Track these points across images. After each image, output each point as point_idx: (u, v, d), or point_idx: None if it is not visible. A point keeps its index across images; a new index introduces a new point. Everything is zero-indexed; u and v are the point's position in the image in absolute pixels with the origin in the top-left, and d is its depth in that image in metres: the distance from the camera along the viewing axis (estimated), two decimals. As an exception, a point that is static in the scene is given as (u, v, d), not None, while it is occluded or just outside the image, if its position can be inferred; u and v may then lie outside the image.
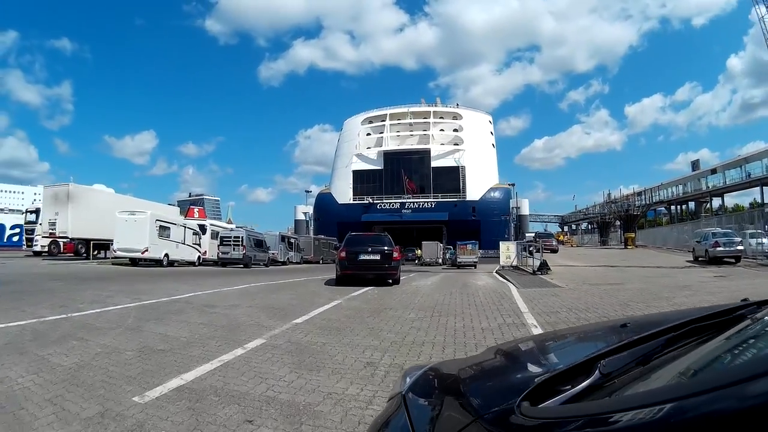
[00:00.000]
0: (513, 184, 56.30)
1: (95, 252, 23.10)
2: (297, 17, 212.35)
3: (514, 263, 20.99)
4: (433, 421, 0.96)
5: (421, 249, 39.35)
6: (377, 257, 11.77)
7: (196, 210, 61.48)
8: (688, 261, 21.39)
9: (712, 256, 19.07)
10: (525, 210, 63.04)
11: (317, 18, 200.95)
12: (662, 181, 66.15)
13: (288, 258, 32.31)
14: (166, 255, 20.95)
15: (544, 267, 15.88)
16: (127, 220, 19.89)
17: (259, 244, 26.96)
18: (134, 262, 20.33)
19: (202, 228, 25.95)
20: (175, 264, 22.76)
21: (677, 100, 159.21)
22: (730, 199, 60.01)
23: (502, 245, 21.87)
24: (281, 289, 11.38)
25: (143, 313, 6.70)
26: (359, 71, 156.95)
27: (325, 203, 59.98)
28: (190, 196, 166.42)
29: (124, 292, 9.39)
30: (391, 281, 11.92)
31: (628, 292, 9.99)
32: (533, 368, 1.24)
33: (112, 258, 21.40)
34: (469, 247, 28.33)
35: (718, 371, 0.84)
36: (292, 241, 34.59)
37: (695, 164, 64.15)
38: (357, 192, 59.73)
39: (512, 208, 54.78)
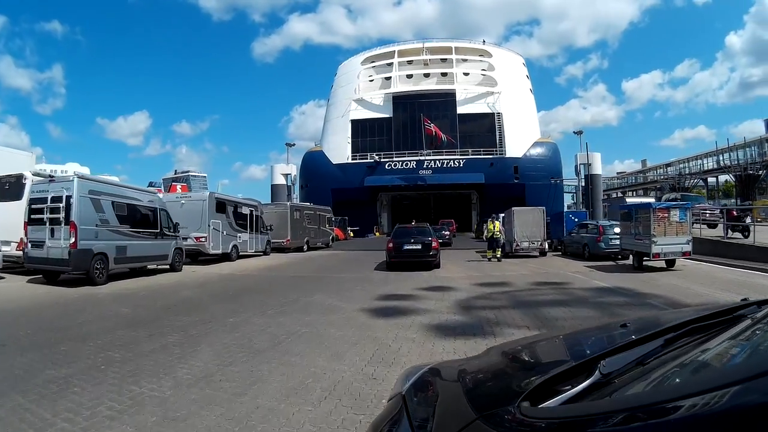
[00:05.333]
0: (580, 132, 39.89)
1: None
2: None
3: None
4: (433, 421, 0.93)
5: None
6: (419, 247, 13.12)
7: (178, 186, 47.40)
8: None
9: None
10: (597, 168, 40.20)
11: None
12: (734, 141, 48.80)
13: (234, 246, 17.11)
14: None
15: None
16: None
17: (141, 218, 11.72)
18: None
19: (14, 183, 10.39)
20: None
21: (676, 77, 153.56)
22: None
23: None
24: None
25: None
26: (357, 45, 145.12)
27: (315, 164, 43.93)
28: (175, 174, 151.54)
29: None
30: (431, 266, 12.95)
31: None
32: (533, 368, 1.22)
33: None
34: (676, 214, 12.34)
35: (718, 371, 0.83)
36: (246, 212, 18.66)
37: (770, 124, 48.62)
38: (357, 148, 44.04)
39: (579, 164, 38.92)
